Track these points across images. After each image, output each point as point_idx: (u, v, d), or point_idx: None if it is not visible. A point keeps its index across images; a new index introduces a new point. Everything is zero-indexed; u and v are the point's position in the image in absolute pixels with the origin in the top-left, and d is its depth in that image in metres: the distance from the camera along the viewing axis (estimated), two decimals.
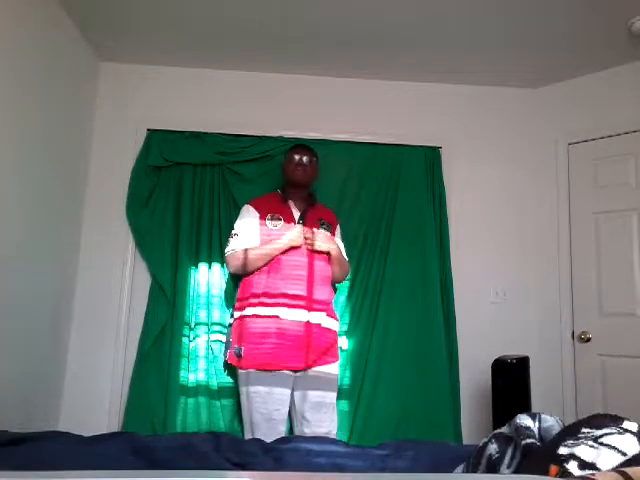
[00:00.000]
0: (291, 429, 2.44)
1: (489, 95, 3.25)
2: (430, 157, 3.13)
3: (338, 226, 2.67)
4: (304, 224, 2.46)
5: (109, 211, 2.97)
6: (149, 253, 2.92)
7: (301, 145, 2.64)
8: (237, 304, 2.46)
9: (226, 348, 2.56)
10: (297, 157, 2.52)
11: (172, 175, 3.00)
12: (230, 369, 2.66)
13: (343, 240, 2.68)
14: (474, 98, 3.24)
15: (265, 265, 2.37)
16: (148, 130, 3.03)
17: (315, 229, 2.44)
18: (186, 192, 2.96)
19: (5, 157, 2.15)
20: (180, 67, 3.11)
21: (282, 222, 2.45)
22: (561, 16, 2.50)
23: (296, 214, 2.51)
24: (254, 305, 2.35)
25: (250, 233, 2.43)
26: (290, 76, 3.16)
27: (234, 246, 2.42)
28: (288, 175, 2.55)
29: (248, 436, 2.25)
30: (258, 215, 2.48)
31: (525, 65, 3.00)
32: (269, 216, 2.47)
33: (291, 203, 2.53)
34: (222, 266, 2.88)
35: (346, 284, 2.86)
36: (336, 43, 2.81)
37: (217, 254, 2.89)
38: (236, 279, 2.64)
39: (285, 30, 2.70)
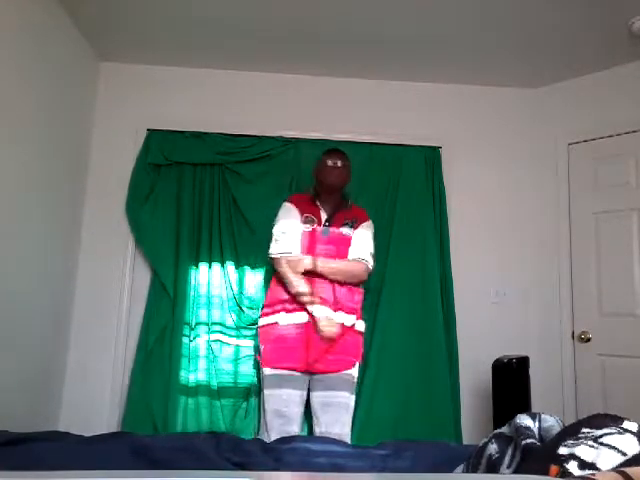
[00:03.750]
0: (310, 430, 2.46)
1: (489, 95, 3.25)
2: (430, 157, 3.13)
3: (367, 223, 2.60)
4: (330, 226, 2.49)
5: (109, 211, 2.97)
6: (150, 251, 2.92)
7: (335, 149, 2.65)
8: (262, 311, 2.53)
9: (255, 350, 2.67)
10: (331, 162, 2.52)
11: (172, 174, 3.00)
12: (257, 374, 2.69)
13: (374, 239, 2.61)
14: (474, 98, 3.24)
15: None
16: (148, 130, 3.03)
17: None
18: (186, 192, 2.96)
19: (5, 156, 2.15)
20: (180, 67, 3.11)
21: (315, 224, 2.48)
22: (561, 16, 2.50)
23: (324, 216, 2.52)
24: (275, 312, 2.41)
25: (291, 235, 2.46)
26: (290, 76, 3.16)
27: (283, 249, 2.44)
28: (322, 179, 2.54)
29: (264, 437, 2.29)
30: (299, 214, 2.50)
31: (525, 65, 3.00)
32: (304, 216, 2.50)
33: (320, 205, 2.54)
34: (222, 266, 2.89)
35: None
36: (336, 43, 2.81)
37: (217, 254, 2.89)
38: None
39: (285, 30, 2.70)
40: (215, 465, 1.30)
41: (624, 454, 0.84)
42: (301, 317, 2.33)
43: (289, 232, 2.46)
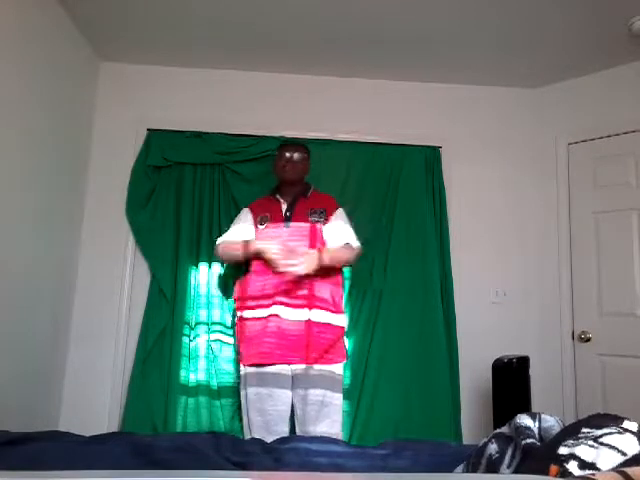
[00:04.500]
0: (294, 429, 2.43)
1: (489, 95, 3.25)
2: (430, 157, 3.13)
3: (339, 210, 2.51)
4: (292, 216, 2.42)
5: (109, 211, 2.97)
6: (150, 253, 2.93)
7: (290, 143, 2.62)
8: (237, 304, 2.46)
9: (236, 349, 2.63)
10: (287, 155, 2.49)
11: (172, 175, 3.00)
12: (237, 371, 2.67)
13: (351, 222, 2.53)
14: (474, 98, 3.24)
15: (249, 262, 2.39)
16: (148, 130, 3.04)
17: (295, 254, 2.29)
18: (186, 192, 2.96)
19: (5, 156, 2.15)
20: (180, 67, 3.11)
21: (268, 222, 2.44)
22: (561, 16, 2.50)
23: (284, 208, 2.47)
24: (252, 308, 2.36)
25: (238, 230, 2.49)
26: (290, 76, 3.16)
27: (219, 240, 2.52)
28: (278, 173, 2.53)
29: (246, 437, 2.26)
30: (251, 218, 2.51)
31: (525, 65, 3.00)
32: (259, 217, 2.48)
33: (281, 199, 2.50)
34: (222, 266, 2.89)
35: (347, 283, 2.85)
36: (336, 43, 2.81)
37: None
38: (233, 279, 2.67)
39: (285, 30, 2.70)
40: (215, 465, 1.30)
41: (624, 454, 0.84)
42: (302, 314, 2.31)
43: (232, 229, 2.51)
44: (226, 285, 2.84)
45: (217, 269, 2.90)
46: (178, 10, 2.55)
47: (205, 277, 2.88)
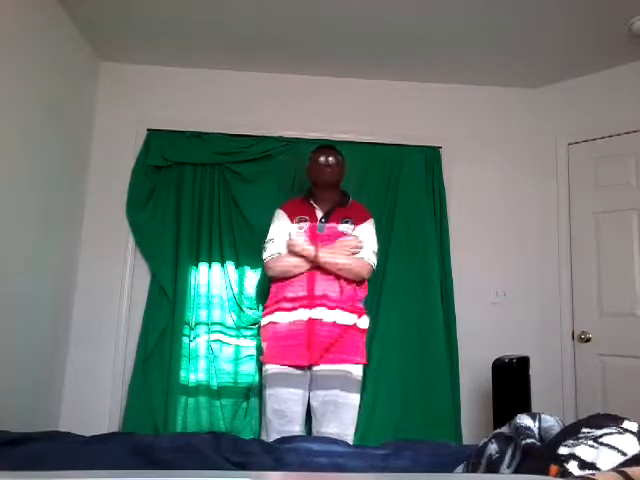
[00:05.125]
0: (310, 431, 2.41)
1: (489, 95, 3.25)
2: (430, 157, 3.13)
3: (368, 221, 2.51)
4: (326, 223, 2.44)
5: (109, 211, 2.97)
6: (150, 253, 2.93)
7: (325, 146, 2.60)
8: (264, 311, 2.50)
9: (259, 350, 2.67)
10: (322, 158, 2.47)
11: (172, 175, 3.00)
12: (260, 374, 2.68)
13: (377, 237, 2.51)
14: (474, 98, 3.24)
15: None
16: (148, 130, 3.04)
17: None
18: (186, 192, 2.96)
19: (5, 157, 2.15)
20: (180, 67, 3.11)
21: (308, 223, 2.44)
22: (561, 16, 2.50)
23: (319, 215, 2.47)
24: (269, 313, 2.41)
25: (280, 239, 2.42)
26: (290, 76, 3.16)
27: (272, 251, 2.40)
28: (314, 177, 2.50)
29: (262, 436, 2.31)
30: (288, 219, 2.47)
31: (525, 65, 3.00)
32: (297, 219, 2.46)
33: (315, 205, 2.49)
34: (222, 266, 2.89)
35: None
36: (336, 43, 2.81)
37: (217, 254, 2.89)
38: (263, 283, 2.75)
39: (285, 30, 2.70)
40: (215, 465, 1.30)
41: (624, 454, 0.84)
42: (301, 314, 2.32)
43: (277, 237, 2.43)
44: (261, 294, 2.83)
45: (219, 273, 2.90)
46: (178, 10, 2.55)
47: (205, 277, 2.88)
